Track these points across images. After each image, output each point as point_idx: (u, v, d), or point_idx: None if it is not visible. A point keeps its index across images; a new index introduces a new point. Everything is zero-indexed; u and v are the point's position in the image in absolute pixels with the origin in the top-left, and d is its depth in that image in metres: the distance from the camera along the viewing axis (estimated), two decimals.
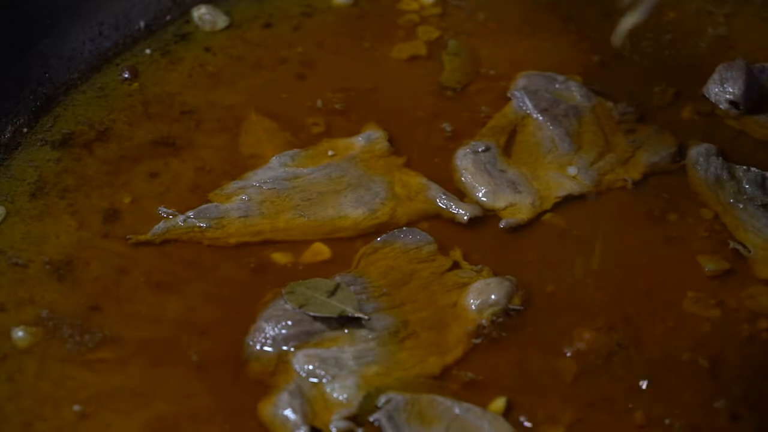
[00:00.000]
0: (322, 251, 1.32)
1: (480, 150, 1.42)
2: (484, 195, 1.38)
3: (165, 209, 1.35)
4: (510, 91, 1.51)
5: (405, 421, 1.14)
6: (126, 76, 1.54)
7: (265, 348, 1.21)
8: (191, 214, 1.34)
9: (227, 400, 1.18)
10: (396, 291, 1.28)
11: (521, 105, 1.49)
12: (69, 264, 1.30)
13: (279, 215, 1.35)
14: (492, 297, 1.25)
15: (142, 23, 1.61)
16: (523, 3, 1.70)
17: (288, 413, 1.15)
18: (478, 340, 1.23)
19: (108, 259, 1.31)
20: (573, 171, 1.41)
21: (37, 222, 1.35)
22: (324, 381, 1.18)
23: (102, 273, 1.30)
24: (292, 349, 1.20)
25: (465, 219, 1.36)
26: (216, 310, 1.26)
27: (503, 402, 1.17)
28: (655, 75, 1.57)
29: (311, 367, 1.18)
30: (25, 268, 1.29)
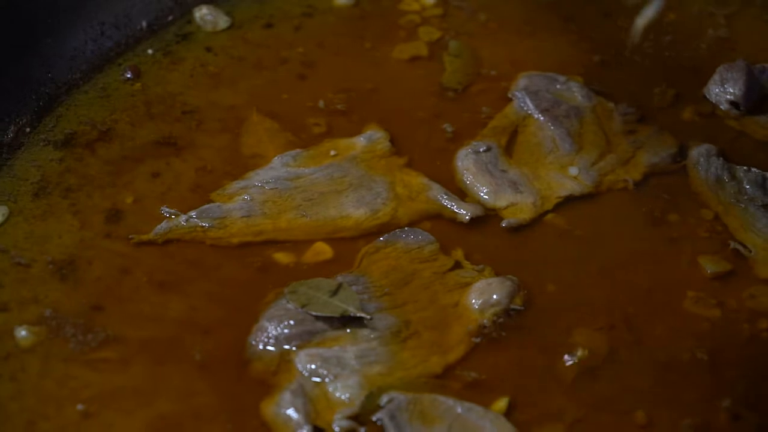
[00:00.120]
0: (324, 251, 1.33)
1: (481, 150, 1.42)
2: (485, 195, 1.38)
3: (167, 209, 1.35)
4: (511, 92, 1.51)
5: (407, 421, 1.14)
6: (128, 76, 1.54)
7: (268, 347, 1.21)
8: (193, 213, 1.34)
9: (230, 399, 1.18)
10: (398, 291, 1.28)
11: (522, 105, 1.49)
12: (72, 263, 1.30)
13: (281, 215, 1.36)
14: (494, 297, 1.25)
15: (143, 23, 1.62)
16: (524, 3, 1.70)
17: (290, 412, 1.15)
18: (479, 339, 1.24)
19: (110, 259, 1.31)
20: (574, 171, 1.41)
21: (40, 222, 1.35)
22: (326, 380, 1.18)
23: (105, 273, 1.30)
24: (294, 349, 1.21)
25: (466, 219, 1.36)
26: (218, 309, 1.26)
27: (505, 402, 1.18)
28: (656, 76, 1.57)
29: (313, 367, 1.19)
30: (28, 267, 1.30)
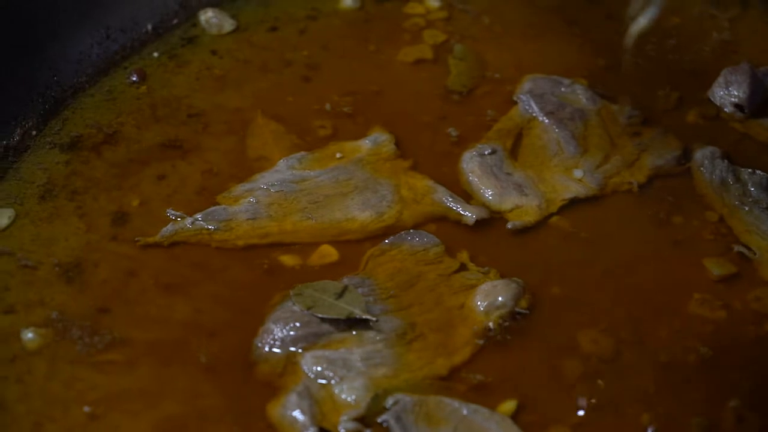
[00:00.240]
0: (329, 253, 1.33)
1: (486, 153, 1.42)
2: (490, 197, 1.38)
3: (173, 212, 1.36)
4: (516, 95, 1.52)
5: (413, 423, 1.14)
6: (134, 79, 1.55)
7: (274, 349, 1.21)
8: (199, 216, 1.35)
9: (236, 401, 1.18)
10: (403, 293, 1.28)
11: (527, 108, 1.49)
12: (78, 266, 1.31)
13: (286, 217, 1.36)
14: (499, 299, 1.26)
15: (149, 26, 1.62)
16: (528, 7, 1.71)
17: (296, 414, 1.15)
18: (485, 341, 1.24)
19: (117, 262, 1.31)
20: (579, 174, 1.42)
21: (47, 224, 1.35)
22: (332, 382, 1.18)
23: (111, 275, 1.30)
24: (300, 351, 1.21)
25: (472, 221, 1.36)
26: (224, 312, 1.27)
27: (513, 404, 1.18)
28: (660, 79, 1.57)
29: (319, 369, 1.19)
30: (35, 270, 1.30)
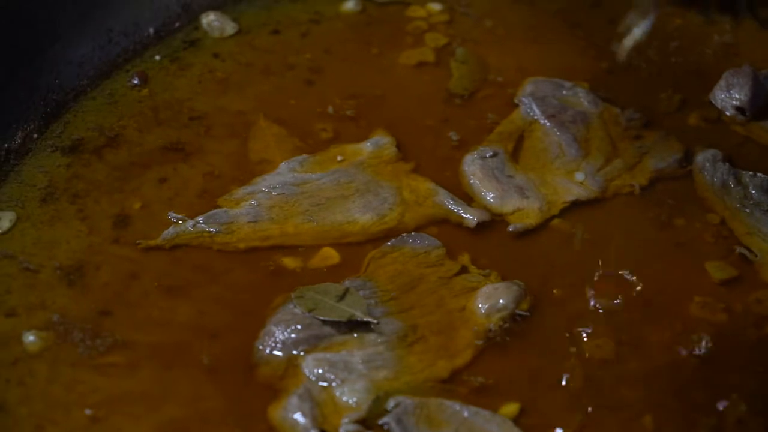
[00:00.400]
0: (331, 256, 1.33)
1: (488, 155, 1.42)
2: (492, 200, 1.38)
3: (174, 214, 1.36)
4: (517, 98, 1.52)
5: (414, 425, 1.14)
6: (135, 82, 1.55)
7: (275, 352, 1.21)
8: (201, 219, 1.35)
9: (237, 403, 1.18)
10: (404, 295, 1.28)
11: (529, 111, 1.49)
12: (80, 269, 1.31)
13: (288, 220, 1.36)
14: (500, 301, 1.26)
15: (151, 30, 1.62)
16: (530, 10, 1.71)
17: (297, 417, 1.15)
18: (486, 344, 1.24)
19: (118, 264, 1.32)
20: (580, 176, 1.42)
21: (48, 227, 1.35)
22: (333, 385, 1.18)
23: (112, 278, 1.30)
24: (301, 353, 1.21)
25: (473, 224, 1.36)
26: (226, 314, 1.27)
27: (516, 407, 1.18)
28: (662, 81, 1.57)
29: (321, 371, 1.19)
30: (36, 273, 1.30)
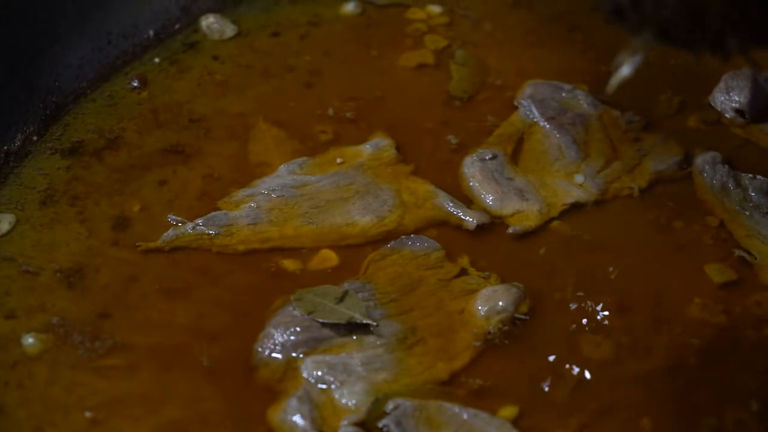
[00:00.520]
0: (330, 258, 1.33)
1: (487, 158, 1.42)
2: (491, 202, 1.38)
3: (174, 217, 1.36)
4: (517, 100, 1.52)
5: (413, 427, 1.14)
6: (135, 84, 1.55)
7: (274, 354, 1.21)
8: (200, 221, 1.35)
9: (237, 405, 1.18)
10: (404, 297, 1.28)
11: (528, 113, 1.49)
12: (79, 271, 1.31)
13: (287, 222, 1.36)
14: (500, 304, 1.26)
15: (150, 32, 1.62)
16: (530, 13, 1.71)
17: (297, 419, 1.15)
18: (485, 346, 1.24)
19: (118, 267, 1.32)
20: (580, 179, 1.42)
21: (47, 230, 1.35)
22: (332, 387, 1.18)
23: (112, 280, 1.30)
24: (300, 356, 1.21)
25: (473, 226, 1.36)
26: (225, 316, 1.27)
27: (515, 410, 1.18)
28: (661, 84, 1.57)
29: (320, 373, 1.19)
30: (36, 275, 1.30)
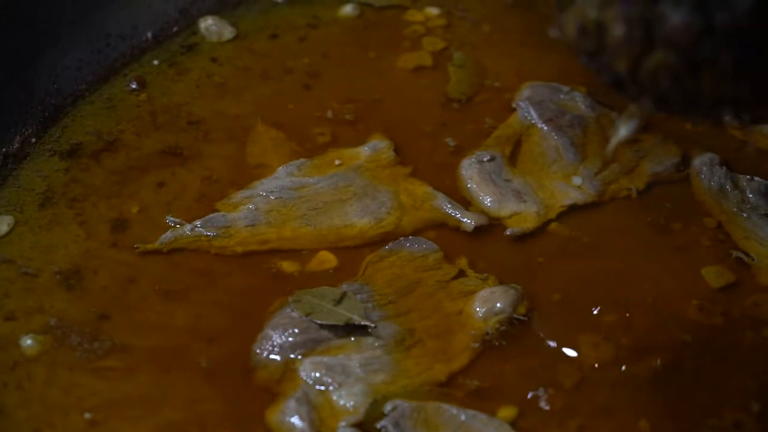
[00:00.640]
0: (328, 259, 1.33)
1: (485, 160, 1.43)
2: (489, 204, 1.39)
3: (172, 218, 1.36)
4: (515, 102, 1.52)
5: (411, 428, 1.15)
6: (133, 86, 1.55)
7: (272, 356, 1.22)
8: (198, 223, 1.35)
9: (235, 406, 1.18)
10: (402, 299, 1.28)
11: (526, 115, 1.50)
12: (78, 273, 1.31)
13: (285, 224, 1.36)
14: (498, 305, 1.26)
15: (149, 34, 1.62)
16: (527, 15, 1.71)
17: (295, 420, 1.16)
18: (483, 347, 1.24)
19: (116, 268, 1.32)
20: (578, 181, 1.42)
21: (46, 231, 1.35)
22: (330, 388, 1.18)
23: (110, 282, 1.30)
24: (299, 357, 1.21)
25: (470, 228, 1.36)
26: (224, 318, 1.27)
27: (513, 411, 1.18)
28: None
29: (318, 375, 1.19)
30: (35, 277, 1.30)
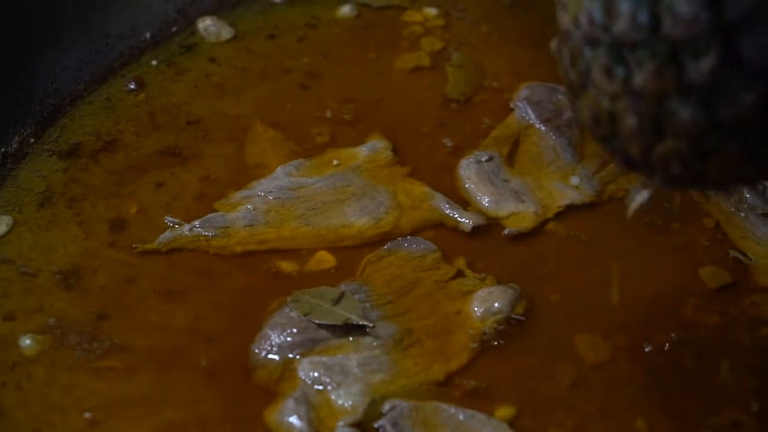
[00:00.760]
0: (327, 259, 1.33)
1: (483, 160, 1.43)
2: (487, 204, 1.39)
3: (171, 218, 1.36)
4: (513, 102, 1.52)
5: (409, 428, 1.15)
6: (132, 86, 1.55)
7: (271, 356, 1.22)
8: (197, 223, 1.35)
9: (235, 406, 1.19)
10: (400, 299, 1.28)
11: (524, 115, 1.50)
12: (77, 273, 1.31)
13: (284, 224, 1.36)
14: (495, 305, 1.26)
15: (148, 34, 1.63)
16: (526, 15, 1.71)
17: (294, 420, 1.16)
18: (481, 347, 1.24)
19: (115, 268, 1.32)
20: (576, 181, 1.42)
21: (45, 231, 1.36)
22: (329, 388, 1.19)
23: (110, 282, 1.30)
24: (297, 357, 1.21)
25: (469, 228, 1.36)
26: (223, 317, 1.27)
27: (511, 410, 1.18)
28: None
29: (316, 375, 1.19)
30: (34, 277, 1.30)
